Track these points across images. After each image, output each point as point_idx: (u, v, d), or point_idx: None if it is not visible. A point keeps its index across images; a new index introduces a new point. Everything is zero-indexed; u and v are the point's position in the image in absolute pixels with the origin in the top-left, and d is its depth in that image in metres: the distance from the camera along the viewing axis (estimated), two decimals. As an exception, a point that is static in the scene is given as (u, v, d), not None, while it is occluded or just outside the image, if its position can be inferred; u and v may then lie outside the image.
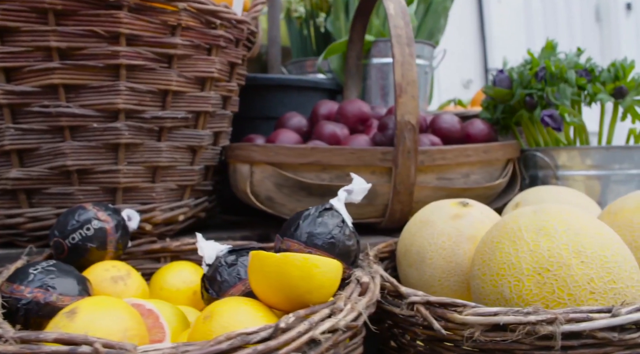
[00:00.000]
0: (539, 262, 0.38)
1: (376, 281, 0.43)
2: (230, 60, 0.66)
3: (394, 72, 0.62)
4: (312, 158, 0.64)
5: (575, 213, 0.41)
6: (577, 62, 0.71)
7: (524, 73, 0.72)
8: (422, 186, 0.66)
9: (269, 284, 0.35)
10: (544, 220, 0.40)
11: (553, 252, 0.38)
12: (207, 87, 0.63)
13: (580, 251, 0.38)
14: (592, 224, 0.40)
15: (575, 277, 0.37)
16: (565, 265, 0.37)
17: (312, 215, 0.45)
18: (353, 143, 0.67)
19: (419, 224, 0.54)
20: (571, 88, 0.68)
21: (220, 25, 0.62)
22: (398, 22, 0.64)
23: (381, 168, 0.65)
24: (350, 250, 0.44)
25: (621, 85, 0.67)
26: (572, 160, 0.72)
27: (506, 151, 0.71)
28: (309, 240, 0.43)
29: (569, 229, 0.39)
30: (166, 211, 0.62)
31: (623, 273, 0.38)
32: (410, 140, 0.63)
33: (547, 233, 0.39)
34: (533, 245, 0.39)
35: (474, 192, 0.69)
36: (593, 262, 0.37)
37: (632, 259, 0.39)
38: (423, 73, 0.96)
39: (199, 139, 0.64)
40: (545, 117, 0.67)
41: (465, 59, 1.76)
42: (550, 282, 0.37)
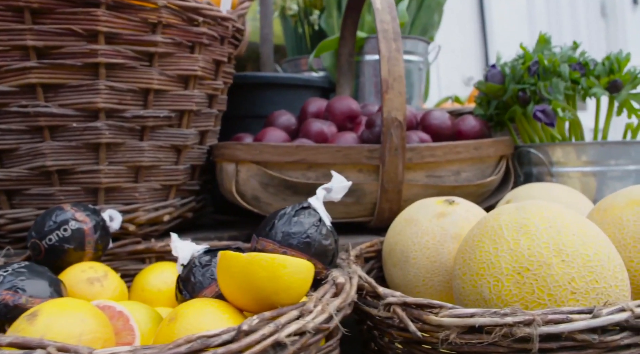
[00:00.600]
0: (518, 261, 0.37)
1: (353, 281, 0.42)
2: (215, 58, 0.65)
3: (380, 67, 0.61)
4: (297, 156, 0.63)
5: (558, 211, 0.39)
6: (572, 56, 0.69)
7: (517, 67, 0.71)
8: (410, 184, 0.65)
9: (236, 285, 0.34)
10: (525, 218, 0.39)
11: (533, 251, 0.37)
12: (190, 86, 0.62)
13: (562, 250, 0.36)
14: (575, 222, 0.38)
15: (556, 277, 0.36)
16: (546, 264, 0.36)
17: (288, 214, 0.44)
18: (340, 140, 0.66)
19: (404, 223, 0.53)
20: (564, 83, 0.66)
21: (203, 22, 0.61)
22: (384, 16, 0.63)
23: (368, 166, 0.63)
24: (327, 250, 0.43)
25: (616, 79, 0.65)
26: (567, 157, 0.70)
27: (498, 147, 0.69)
28: (283, 240, 0.42)
29: (551, 227, 0.38)
30: (150, 212, 0.62)
31: (606, 272, 0.36)
32: (398, 137, 0.61)
33: (527, 231, 0.38)
34: (513, 243, 0.38)
35: (465, 190, 0.68)
36: (574, 261, 0.36)
37: (617, 257, 0.38)
38: (417, 70, 0.94)
39: (183, 138, 0.63)
40: (537, 112, 0.66)
41: (466, 56, 1.74)
42: (530, 282, 0.36)
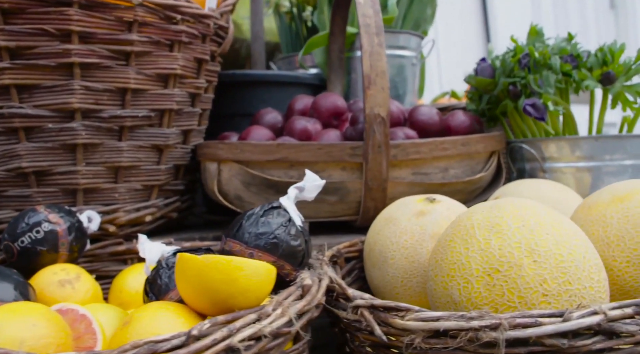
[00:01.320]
0: (489, 262, 0.35)
1: (322, 283, 0.41)
2: (196, 56, 0.65)
3: (362, 63, 0.60)
4: (278, 155, 0.61)
5: (533, 209, 0.38)
6: (564, 48, 0.67)
7: (507, 60, 0.69)
8: (396, 182, 0.63)
9: (192, 288, 0.33)
10: (498, 217, 0.37)
11: (504, 251, 0.35)
12: (170, 84, 0.62)
13: (534, 250, 0.35)
14: (550, 220, 0.37)
15: (527, 278, 0.34)
16: (517, 265, 0.34)
17: (256, 215, 0.42)
18: (323, 138, 0.65)
19: (383, 222, 0.51)
20: (555, 76, 0.64)
21: (181, 20, 0.60)
22: (367, 10, 0.62)
23: (351, 163, 0.62)
24: (296, 251, 0.42)
25: (609, 71, 0.62)
26: (561, 152, 0.68)
27: (488, 143, 0.68)
28: (250, 241, 0.41)
29: (524, 226, 0.36)
30: (131, 212, 0.61)
31: (580, 273, 0.34)
32: (381, 133, 0.60)
33: (499, 231, 0.36)
34: (484, 243, 0.36)
35: (454, 187, 0.66)
36: (547, 262, 0.34)
37: (594, 257, 0.36)
38: (410, 65, 0.92)
39: (164, 138, 0.63)
40: (527, 106, 0.64)
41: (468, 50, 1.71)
42: (500, 284, 0.34)
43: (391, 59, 0.91)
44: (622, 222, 0.42)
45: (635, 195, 0.43)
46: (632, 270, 0.41)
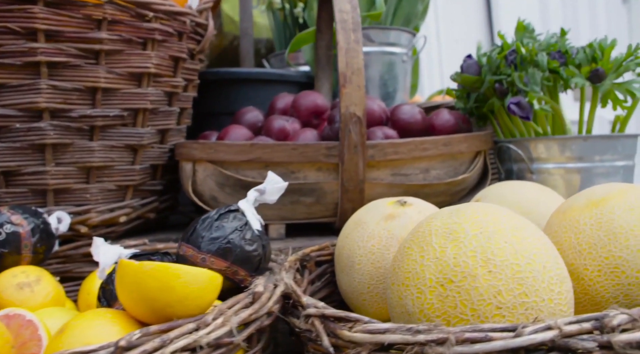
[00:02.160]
0: (442, 272, 0.33)
1: (277, 290, 0.39)
2: (172, 54, 0.63)
3: (338, 60, 0.58)
4: (252, 155, 0.60)
5: (494, 215, 0.36)
6: (552, 44, 0.64)
7: (492, 57, 0.66)
8: (374, 183, 0.61)
9: (129, 296, 0.32)
10: (456, 223, 0.35)
11: (459, 260, 0.33)
12: (144, 83, 0.61)
13: (489, 259, 0.33)
14: (510, 227, 0.35)
15: (481, 289, 0.32)
16: (471, 275, 0.33)
17: (211, 218, 0.41)
18: (300, 138, 0.63)
19: (352, 225, 0.50)
20: (542, 73, 0.62)
21: (154, 18, 0.59)
22: (344, 6, 0.60)
23: (327, 164, 0.60)
24: (250, 256, 0.41)
25: (597, 68, 0.60)
26: (549, 152, 0.65)
27: (472, 143, 0.65)
28: (203, 245, 0.40)
29: (481, 233, 0.34)
30: (104, 213, 0.60)
31: (539, 284, 0.32)
32: (357, 133, 0.58)
33: (456, 238, 0.34)
34: (440, 251, 0.34)
35: (435, 189, 0.64)
36: (502, 272, 0.32)
37: (556, 267, 0.34)
38: (401, 62, 0.90)
39: (138, 137, 0.62)
40: (511, 105, 0.61)
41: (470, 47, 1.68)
42: (453, 295, 0.33)
43: (381, 56, 0.89)
44: (594, 229, 0.40)
45: (610, 200, 0.41)
46: (604, 280, 0.38)
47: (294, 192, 0.61)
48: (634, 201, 0.40)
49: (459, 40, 1.56)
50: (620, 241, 0.38)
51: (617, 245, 0.38)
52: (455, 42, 1.55)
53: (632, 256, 0.38)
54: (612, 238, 0.39)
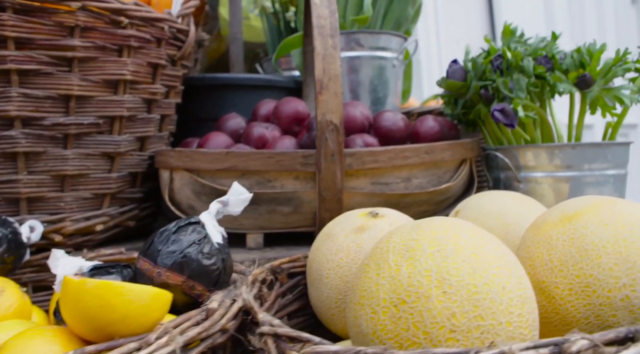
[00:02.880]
0: (396, 291, 0.32)
1: (233, 306, 0.38)
2: (150, 61, 0.63)
3: (315, 66, 0.57)
4: (227, 163, 0.59)
5: (456, 231, 0.34)
6: (538, 49, 0.62)
7: (478, 62, 0.64)
8: (353, 193, 0.60)
9: (72, 313, 0.31)
10: (414, 239, 0.34)
11: (413, 280, 0.32)
12: (120, 90, 0.60)
13: (445, 279, 0.31)
14: (471, 244, 0.33)
15: (434, 311, 0.30)
16: (424, 295, 0.31)
17: (169, 231, 0.40)
18: (277, 146, 0.62)
19: (323, 237, 0.48)
20: (528, 78, 0.60)
21: (129, 24, 0.58)
22: (322, 11, 0.58)
23: (304, 173, 0.59)
24: (208, 270, 0.40)
25: (585, 73, 0.57)
26: (537, 161, 0.63)
27: (456, 151, 0.63)
28: (159, 259, 0.39)
29: (439, 251, 0.32)
30: (79, 221, 0.60)
31: (496, 306, 0.31)
32: (333, 141, 0.57)
33: (412, 256, 0.33)
34: (395, 269, 0.33)
35: (417, 198, 0.62)
36: (458, 293, 0.31)
37: (518, 288, 0.32)
38: (391, 67, 0.89)
39: (115, 145, 0.61)
40: (495, 111, 0.59)
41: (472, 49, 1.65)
42: (406, 316, 0.31)
43: (371, 61, 0.88)
44: (567, 245, 0.38)
45: (584, 214, 0.39)
46: (574, 299, 0.36)
47: (271, 201, 0.60)
48: (609, 216, 0.38)
49: (459, 41, 1.54)
50: (592, 258, 0.36)
51: (589, 262, 0.36)
52: (455, 43, 1.53)
53: (603, 275, 0.36)
54: (584, 255, 0.37)
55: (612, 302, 0.35)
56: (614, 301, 0.35)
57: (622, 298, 0.35)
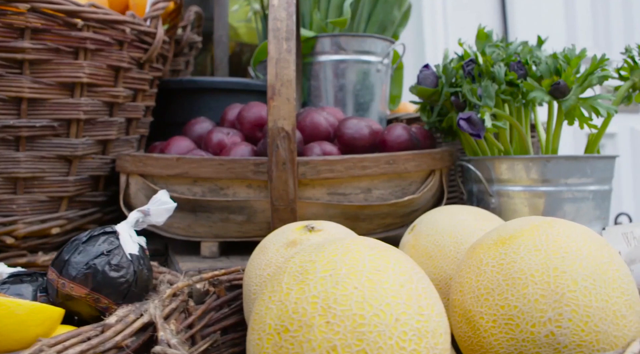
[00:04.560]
0: (281, 317, 0.29)
1: (135, 322, 0.36)
2: (111, 63, 0.62)
3: (268, 71, 0.54)
4: (179, 169, 0.57)
5: (357, 252, 0.31)
6: (513, 53, 0.58)
7: (448, 68, 0.61)
8: (308, 203, 0.57)
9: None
10: (311, 261, 0.31)
11: (298, 306, 0.29)
12: (77, 93, 0.59)
13: (330, 308, 0.28)
14: (371, 268, 0.30)
15: (314, 343, 0.28)
16: (307, 324, 0.28)
17: (79, 240, 0.39)
18: (233, 152, 0.60)
19: (257, 250, 0.46)
20: (498, 85, 0.56)
21: (85, 26, 0.58)
22: (280, 14, 0.56)
23: (257, 181, 0.57)
24: (116, 283, 0.38)
25: (559, 81, 0.53)
26: (511, 174, 0.59)
27: (422, 161, 0.60)
28: (64, 270, 0.37)
29: (331, 275, 0.30)
30: (33, 224, 0.59)
31: (384, 340, 0.27)
32: (285, 149, 0.54)
33: (304, 280, 0.30)
34: (285, 293, 0.30)
35: (378, 210, 0.59)
36: (342, 323, 0.28)
37: (416, 320, 0.29)
38: (375, 71, 0.85)
39: (71, 148, 0.60)
40: (460, 120, 0.55)
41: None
42: (287, 346, 0.28)
43: (354, 65, 0.85)
44: (495, 271, 0.34)
45: (518, 238, 0.35)
46: (498, 332, 0.33)
47: (223, 210, 0.58)
48: (544, 240, 0.34)
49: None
50: (518, 288, 0.33)
51: (515, 292, 0.33)
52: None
53: (528, 307, 0.32)
54: (511, 283, 0.33)
55: (535, 338, 0.31)
56: (537, 337, 0.31)
57: (547, 334, 0.31)
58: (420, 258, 0.49)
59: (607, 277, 0.32)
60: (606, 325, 0.31)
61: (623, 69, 0.56)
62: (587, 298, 0.31)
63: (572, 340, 0.31)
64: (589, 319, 0.31)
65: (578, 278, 0.32)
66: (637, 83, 0.55)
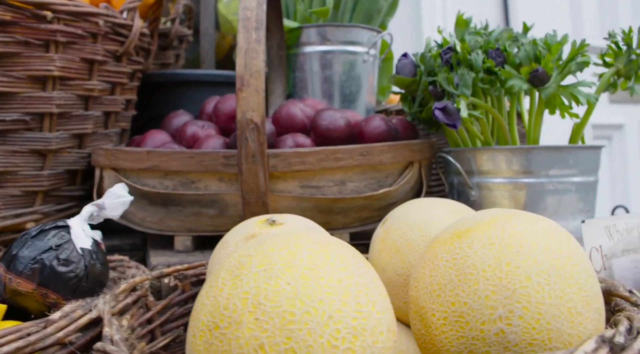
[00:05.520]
0: (213, 314, 0.28)
1: (82, 319, 0.35)
2: (85, 56, 0.61)
3: (237, 61, 0.53)
4: (149, 163, 0.57)
5: (298, 246, 0.30)
6: (494, 41, 0.56)
7: (426, 56, 0.59)
8: (280, 196, 0.56)
9: None
10: (249, 255, 0.30)
11: (230, 302, 0.28)
12: (48, 87, 0.59)
13: (260, 304, 0.27)
14: (308, 263, 0.29)
15: (242, 341, 0.26)
16: (236, 321, 0.27)
17: (28, 235, 0.38)
18: (204, 145, 0.59)
19: (219, 244, 0.45)
20: (475, 73, 0.54)
21: (55, 19, 0.57)
22: (249, 3, 0.55)
23: (228, 174, 0.56)
24: (65, 278, 0.37)
25: (537, 68, 0.51)
26: (492, 165, 0.57)
27: (398, 153, 0.58)
28: (12, 264, 0.37)
29: (265, 270, 0.28)
30: (7, 219, 0.59)
31: (314, 339, 0.26)
32: (254, 141, 0.53)
33: (239, 275, 0.29)
34: (219, 289, 0.29)
35: (352, 203, 0.57)
36: (271, 321, 0.26)
37: (353, 317, 0.27)
38: (361, 62, 0.84)
39: (45, 142, 0.60)
40: (436, 110, 0.54)
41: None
42: (217, 344, 0.27)
43: (340, 56, 0.83)
44: (448, 266, 0.33)
45: (474, 231, 0.33)
46: (449, 330, 0.31)
47: (195, 203, 0.57)
48: (499, 233, 0.32)
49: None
50: (469, 283, 0.31)
51: (466, 288, 0.31)
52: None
53: (478, 304, 0.30)
54: (463, 279, 0.31)
55: (485, 336, 0.30)
56: (487, 336, 0.30)
57: (497, 333, 0.30)
58: (389, 252, 0.47)
59: (563, 272, 0.30)
60: (559, 323, 0.29)
61: (607, 55, 0.54)
62: (539, 295, 0.30)
63: (523, 339, 0.29)
64: (541, 316, 0.29)
65: (531, 274, 0.30)
66: (621, 70, 0.52)
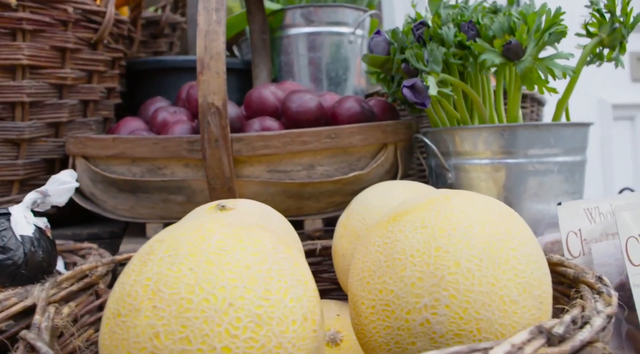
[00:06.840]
0: (118, 301, 0.27)
1: (14, 307, 0.35)
2: (55, 44, 0.61)
3: (197, 44, 0.52)
4: (115, 150, 0.56)
5: (211, 230, 0.28)
6: (469, 13, 0.52)
7: (397, 32, 0.56)
8: (247, 181, 0.55)
9: None
10: (159, 240, 0.29)
11: (132, 289, 0.27)
12: (18, 76, 0.59)
13: (159, 291, 0.26)
14: (216, 247, 0.27)
15: (138, 329, 0.25)
16: (136, 309, 0.26)
17: (-33, 223, 0.38)
18: (171, 131, 0.58)
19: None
20: (447, 48, 0.50)
21: (21, 6, 0.57)
22: (210, -18, 0.53)
23: (194, 160, 0.55)
24: (2, 265, 0.37)
25: (510, 40, 0.47)
26: (469, 145, 0.54)
27: (370, 135, 0.56)
28: (-51, 253, 0.37)
29: (171, 256, 0.27)
30: (-16, 208, 0.60)
31: (211, 327, 0.25)
32: (217, 125, 0.52)
33: (145, 261, 0.28)
34: (126, 275, 0.28)
35: (322, 187, 0.55)
36: (168, 308, 0.25)
37: (257, 305, 0.26)
38: (347, 43, 0.81)
39: (17, 132, 0.60)
40: (404, 88, 0.51)
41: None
42: (118, 332, 0.26)
43: (327, 37, 0.80)
44: (379, 251, 0.31)
45: (408, 214, 0.31)
46: (376, 319, 0.29)
47: (162, 190, 0.56)
48: (434, 216, 0.30)
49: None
50: (397, 270, 0.29)
51: (393, 274, 0.29)
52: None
53: (404, 292, 0.28)
54: (391, 265, 0.29)
55: (410, 326, 0.28)
56: (412, 326, 0.28)
57: (422, 323, 0.27)
58: (349, 237, 0.45)
59: (497, 257, 0.28)
60: (490, 312, 0.27)
61: (591, 25, 0.49)
62: (468, 282, 0.27)
63: (449, 329, 0.27)
64: (469, 305, 0.27)
65: (461, 259, 0.28)
66: (604, 40, 0.48)
